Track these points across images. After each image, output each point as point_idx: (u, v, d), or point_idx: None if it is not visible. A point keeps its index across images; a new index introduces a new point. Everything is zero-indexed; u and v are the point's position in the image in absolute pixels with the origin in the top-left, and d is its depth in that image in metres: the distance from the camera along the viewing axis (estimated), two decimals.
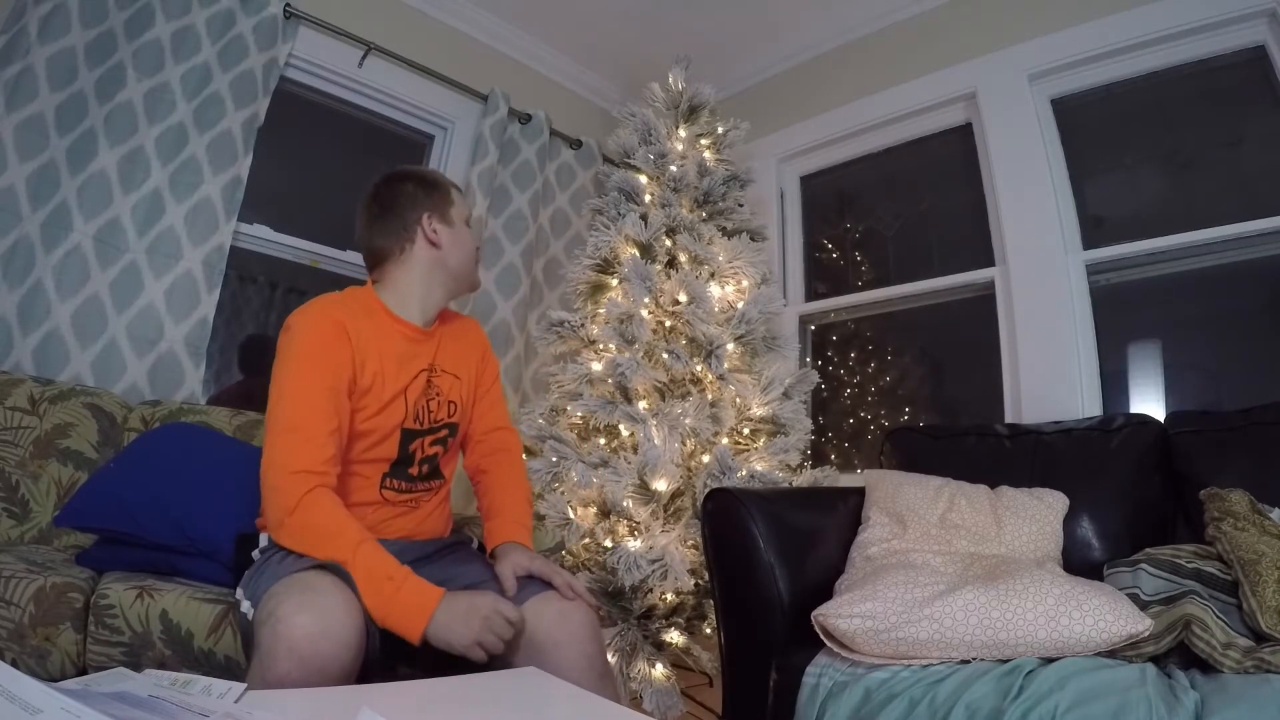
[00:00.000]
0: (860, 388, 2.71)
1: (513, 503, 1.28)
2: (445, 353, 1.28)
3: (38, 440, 1.51)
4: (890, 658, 1.07)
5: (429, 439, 1.23)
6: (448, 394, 1.28)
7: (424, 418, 1.23)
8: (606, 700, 0.85)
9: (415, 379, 1.21)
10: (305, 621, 0.81)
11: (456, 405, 1.29)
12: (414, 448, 1.21)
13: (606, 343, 2.10)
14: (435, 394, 1.25)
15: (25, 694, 0.49)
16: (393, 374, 1.18)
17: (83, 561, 1.28)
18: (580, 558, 2.01)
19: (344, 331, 1.12)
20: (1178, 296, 2.05)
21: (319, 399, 1.06)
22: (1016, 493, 1.47)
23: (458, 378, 1.30)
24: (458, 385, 1.29)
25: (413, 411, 1.20)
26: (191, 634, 1.10)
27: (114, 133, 1.84)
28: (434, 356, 1.26)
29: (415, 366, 1.22)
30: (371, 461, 1.16)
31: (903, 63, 2.60)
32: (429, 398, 1.24)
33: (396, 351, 1.19)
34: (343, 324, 1.12)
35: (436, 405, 1.25)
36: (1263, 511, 1.18)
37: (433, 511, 1.27)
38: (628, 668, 1.78)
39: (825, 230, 2.93)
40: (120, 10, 1.89)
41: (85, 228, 1.79)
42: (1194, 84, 2.06)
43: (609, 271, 2.21)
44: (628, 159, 2.35)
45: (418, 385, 1.22)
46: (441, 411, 1.26)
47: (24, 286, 1.70)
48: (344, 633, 0.84)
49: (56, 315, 1.74)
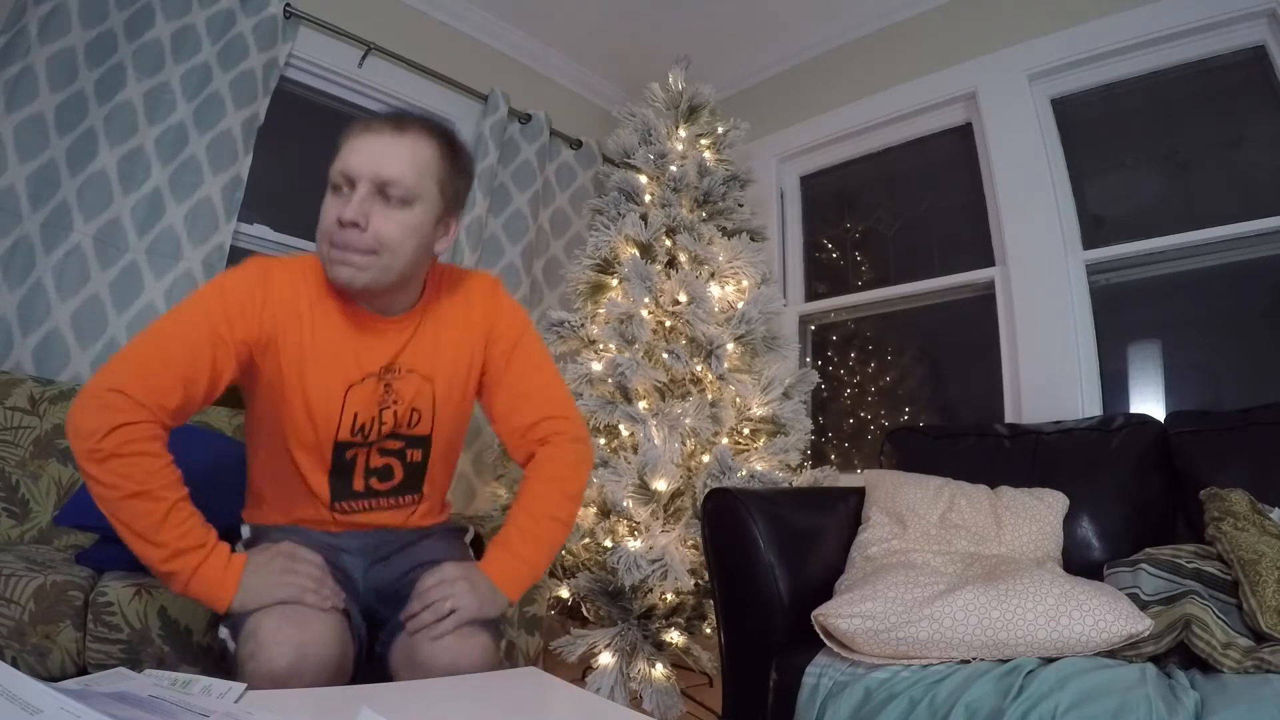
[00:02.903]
0: (860, 388, 2.71)
1: (525, 506, 1.08)
2: (419, 346, 1.07)
3: (38, 440, 1.51)
4: (890, 658, 1.07)
5: (375, 449, 1.05)
6: (410, 400, 1.06)
7: (369, 429, 1.03)
8: (606, 700, 0.85)
9: (362, 383, 1.01)
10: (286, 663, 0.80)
11: (421, 414, 1.07)
12: (352, 455, 1.04)
13: (606, 343, 2.10)
14: (391, 401, 1.04)
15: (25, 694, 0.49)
16: (328, 371, 0.99)
17: (83, 561, 1.28)
18: (580, 558, 2.01)
19: (262, 288, 0.96)
20: (1178, 296, 2.05)
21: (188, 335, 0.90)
22: (1016, 493, 1.47)
23: (429, 380, 1.07)
24: (426, 389, 1.07)
25: (349, 423, 1.01)
26: (190, 630, 1.11)
27: (114, 133, 1.84)
28: (398, 352, 1.05)
29: (366, 364, 1.02)
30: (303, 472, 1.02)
31: (903, 63, 2.60)
32: (382, 406, 1.04)
33: (339, 343, 1.00)
34: (270, 282, 0.97)
35: (390, 415, 1.04)
36: (1263, 511, 1.18)
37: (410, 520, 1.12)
38: (628, 668, 1.78)
39: (825, 230, 2.93)
40: (120, 10, 1.89)
41: (85, 228, 1.78)
42: (1194, 84, 2.06)
43: (609, 271, 2.21)
44: (628, 159, 2.35)
45: (364, 391, 1.02)
46: (401, 421, 1.05)
47: (24, 286, 1.70)
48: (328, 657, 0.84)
49: (56, 315, 1.74)
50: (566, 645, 1.82)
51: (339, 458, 1.03)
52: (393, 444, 1.06)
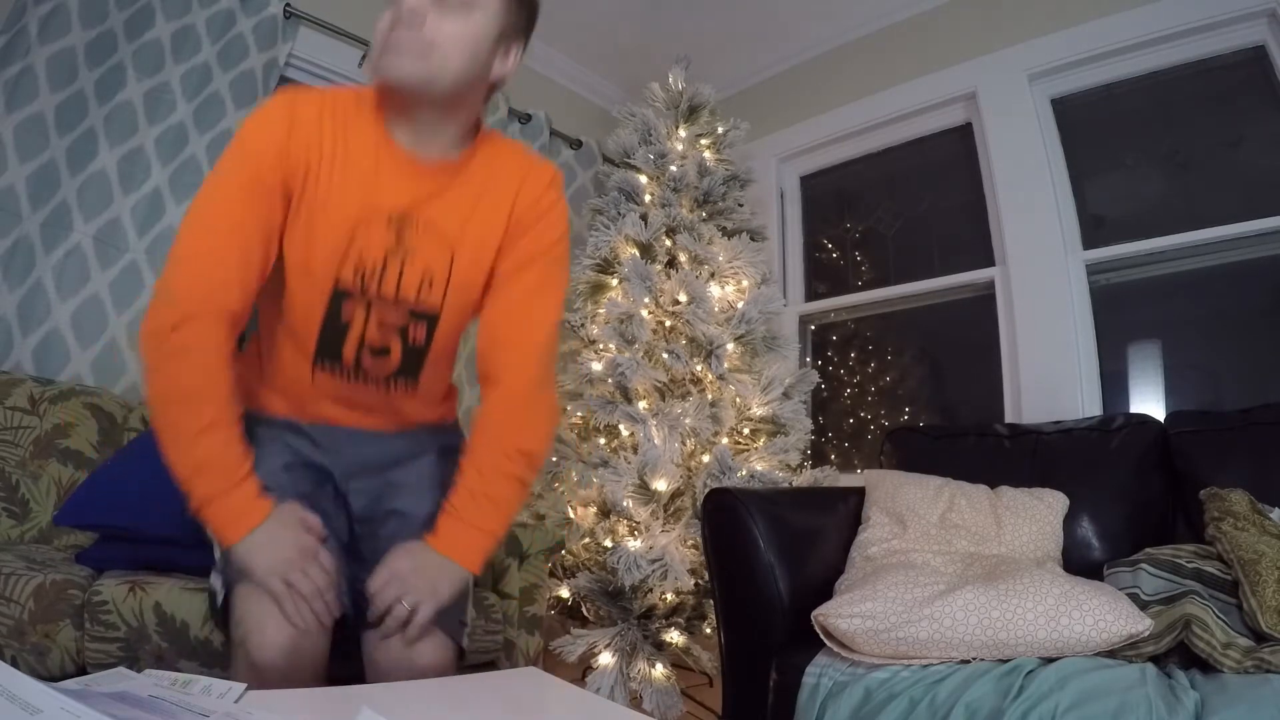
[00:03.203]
0: (860, 388, 2.71)
1: (473, 460, 0.94)
2: (449, 204, 0.93)
3: (38, 440, 1.51)
4: (890, 658, 1.07)
5: (375, 318, 0.92)
6: (424, 262, 0.92)
7: (371, 279, 0.90)
8: (606, 700, 0.85)
9: (370, 222, 0.89)
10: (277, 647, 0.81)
11: (434, 285, 0.93)
12: (348, 316, 0.91)
13: (606, 343, 2.10)
14: (405, 254, 0.91)
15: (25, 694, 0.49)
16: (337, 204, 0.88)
17: (82, 560, 1.28)
18: (580, 558, 2.01)
19: (295, 113, 0.87)
20: (1178, 296, 2.05)
21: (231, 199, 0.84)
22: (1016, 493, 1.47)
23: (450, 248, 0.93)
24: (444, 257, 0.93)
25: (352, 264, 0.89)
26: (187, 624, 1.11)
27: (114, 133, 1.84)
28: (422, 200, 0.91)
29: (380, 202, 0.89)
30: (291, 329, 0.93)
31: (903, 63, 2.60)
32: (389, 253, 0.90)
33: (358, 177, 0.89)
34: (299, 107, 0.88)
35: (396, 267, 0.91)
36: (1263, 511, 1.18)
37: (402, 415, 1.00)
38: (628, 668, 1.79)
39: (825, 230, 2.93)
40: (120, 10, 1.89)
41: (85, 228, 1.79)
42: (1194, 84, 2.06)
43: (609, 271, 2.22)
44: (628, 159, 2.35)
45: (372, 232, 0.89)
46: (407, 282, 0.92)
47: (24, 286, 1.70)
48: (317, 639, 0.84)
49: (56, 315, 1.74)
50: (566, 645, 1.82)
51: (333, 312, 0.91)
52: (395, 316, 0.93)
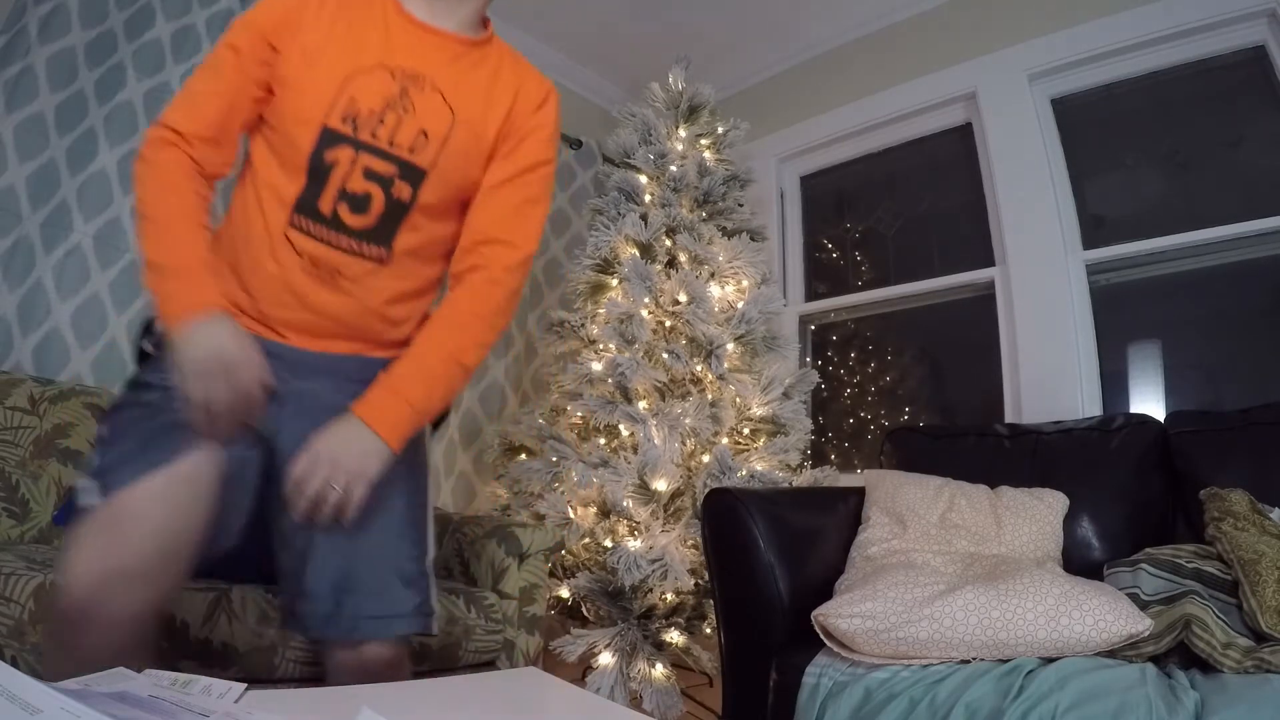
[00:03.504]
0: (860, 388, 2.71)
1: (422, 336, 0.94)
2: (460, 76, 0.94)
3: (38, 440, 1.51)
4: (890, 658, 1.07)
5: (361, 165, 0.89)
6: (423, 119, 0.92)
7: (364, 126, 0.89)
8: (606, 700, 0.85)
9: (371, 71, 0.89)
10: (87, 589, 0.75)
11: (429, 141, 0.92)
12: (333, 158, 0.89)
13: (606, 343, 2.10)
14: (406, 108, 0.90)
15: (25, 694, 0.49)
16: (336, 52, 0.88)
17: None
18: (580, 558, 2.01)
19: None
20: (1178, 296, 2.05)
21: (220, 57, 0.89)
22: (1016, 492, 1.47)
23: (453, 112, 0.93)
24: (444, 119, 0.93)
25: (344, 106, 0.88)
26: (187, 624, 1.11)
27: (114, 133, 1.84)
28: (433, 68, 0.92)
29: (386, 57, 0.90)
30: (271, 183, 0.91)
31: (903, 63, 2.60)
32: (389, 107, 0.90)
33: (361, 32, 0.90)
34: None
35: (394, 119, 0.90)
36: (1263, 511, 1.18)
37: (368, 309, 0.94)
38: (628, 668, 1.79)
39: (825, 230, 2.93)
40: (120, 10, 1.89)
41: (85, 228, 1.79)
42: (1194, 84, 2.06)
43: (609, 271, 2.21)
44: (628, 159, 2.35)
45: (373, 80, 0.89)
46: (402, 135, 0.90)
47: (24, 286, 1.71)
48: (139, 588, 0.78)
49: (56, 315, 1.74)
50: (566, 645, 1.82)
51: (319, 156, 0.89)
52: (382, 166, 0.91)
